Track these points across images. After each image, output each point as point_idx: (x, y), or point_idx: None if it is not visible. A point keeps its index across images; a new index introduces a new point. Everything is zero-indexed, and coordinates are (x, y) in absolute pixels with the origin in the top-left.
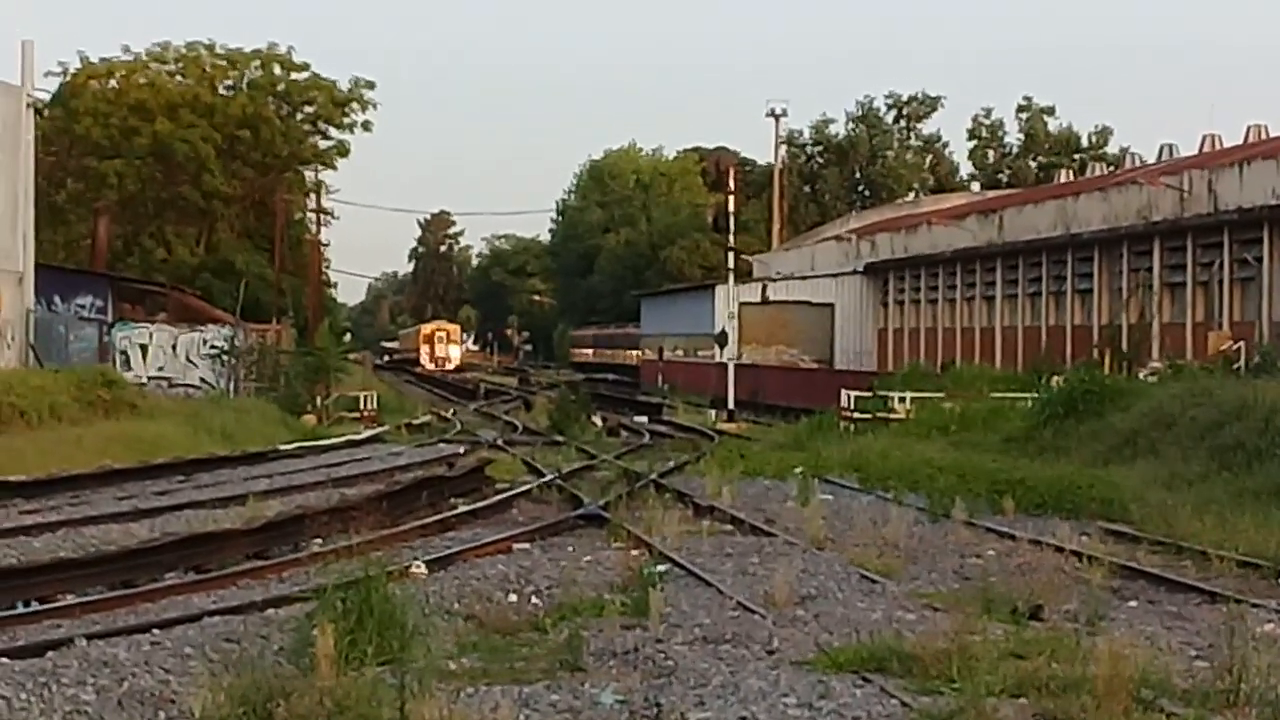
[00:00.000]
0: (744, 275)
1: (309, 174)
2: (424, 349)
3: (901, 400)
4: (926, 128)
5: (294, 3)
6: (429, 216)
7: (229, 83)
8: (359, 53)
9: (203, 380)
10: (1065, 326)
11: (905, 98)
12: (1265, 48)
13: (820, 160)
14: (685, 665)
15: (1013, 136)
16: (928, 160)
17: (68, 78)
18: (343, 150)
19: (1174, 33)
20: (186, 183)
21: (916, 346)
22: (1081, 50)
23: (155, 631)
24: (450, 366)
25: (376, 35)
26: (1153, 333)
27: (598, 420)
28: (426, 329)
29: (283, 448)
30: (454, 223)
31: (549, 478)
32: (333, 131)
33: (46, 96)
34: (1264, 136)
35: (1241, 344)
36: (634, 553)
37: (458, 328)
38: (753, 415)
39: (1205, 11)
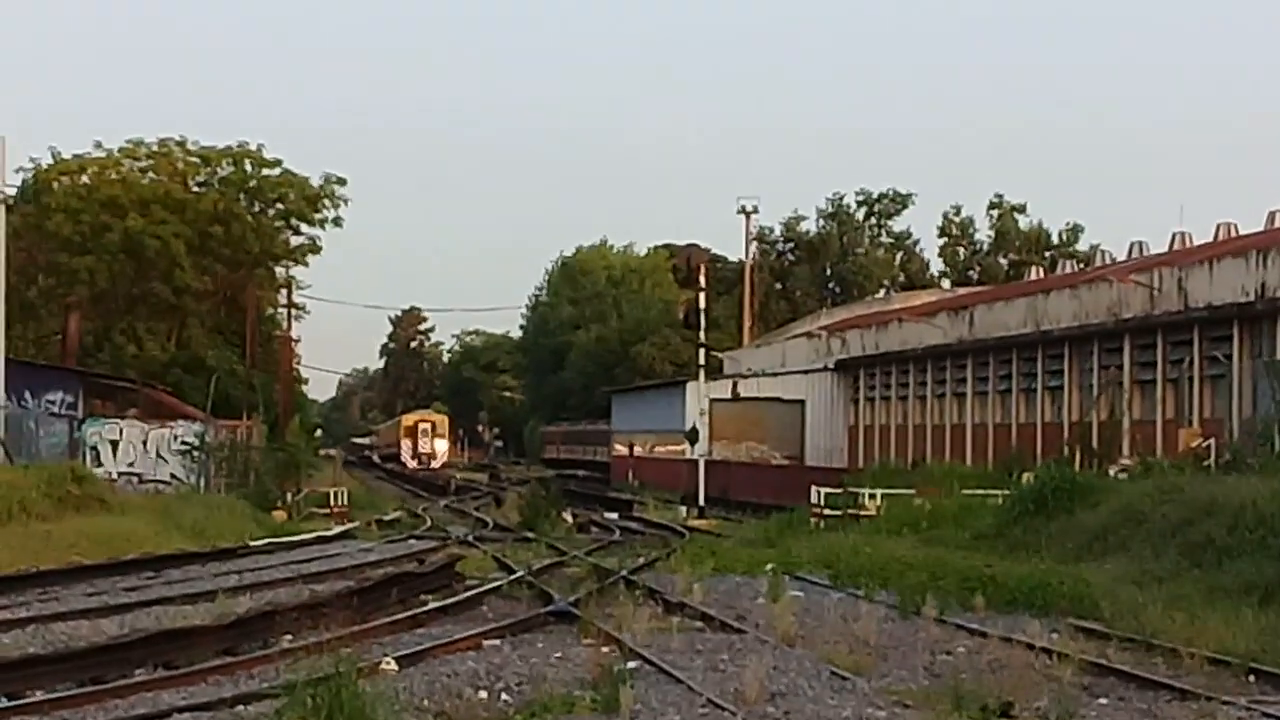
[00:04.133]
0: (715, 372)
1: (280, 270)
2: (405, 444)
3: (872, 497)
4: (897, 225)
5: (265, 99)
6: (400, 313)
7: (201, 179)
8: (330, 149)
9: (173, 476)
10: (1036, 423)
11: (876, 195)
12: (1234, 147)
13: (791, 257)
14: None
15: (983, 234)
16: (898, 257)
17: (39, 174)
18: (314, 247)
19: (1144, 131)
20: (157, 279)
21: (887, 443)
22: (1052, 148)
23: None
24: (436, 464)
25: (347, 131)
26: (1123, 430)
27: (568, 516)
28: (408, 420)
29: (253, 544)
30: (425, 319)
31: (519, 574)
32: (304, 227)
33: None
34: (1233, 234)
35: (1212, 441)
36: (604, 649)
37: (444, 419)
38: (723, 512)
39: (1174, 111)
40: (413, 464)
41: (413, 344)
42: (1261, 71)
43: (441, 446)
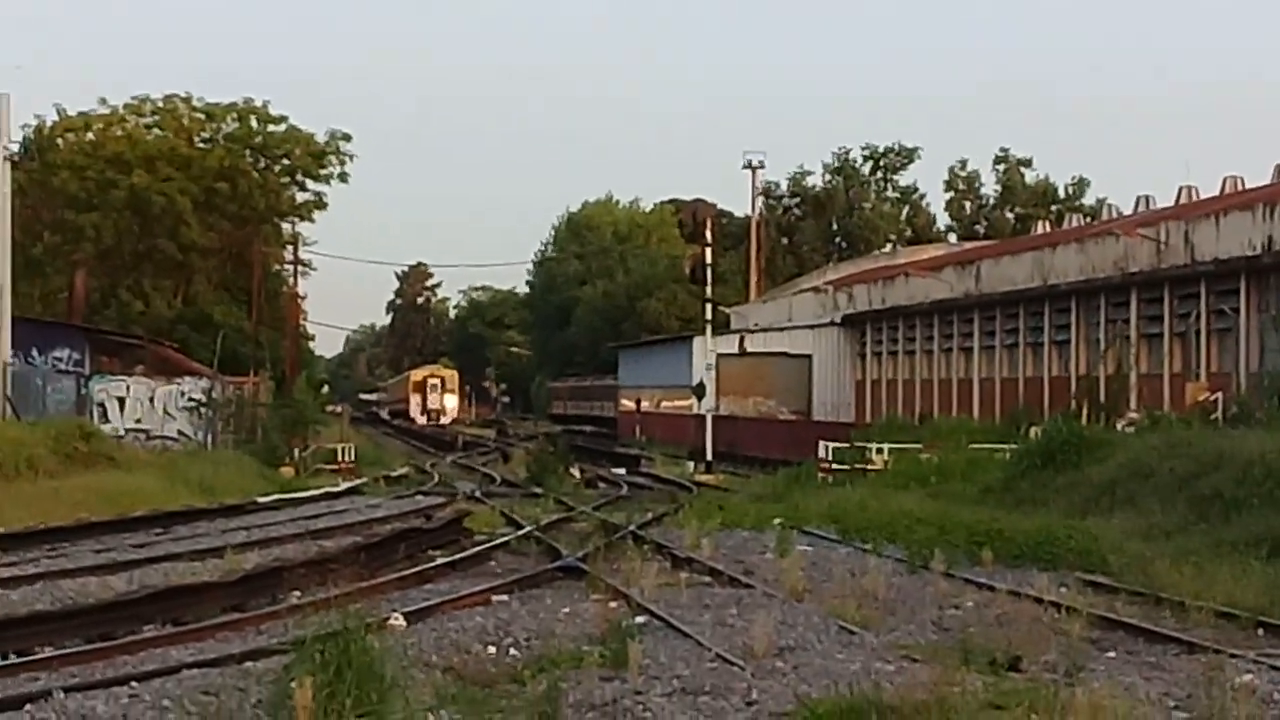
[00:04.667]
0: (721, 327)
1: (286, 226)
2: (414, 399)
3: (879, 451)
4: (903, 179)
5: (271, 56)
6: (406, 269)
7: (206, 135)
8: (336, 105)
9: (180, 432)
10: (1042, 378)
11: (882, 149)
12: (1241, 100)
13: (797, 212)
14: (664, 717)
15: (990, 188)
16: (904, 211)
17: (43, 130)
18: (320, 203)
19: (1151, 85)
20: (163, 235)
21: (894, 398)
22: (1059, 102)
23: (133, 684)
24: (446, 420)
25: (353, 87)
26: (1130, 384)
27: (575, 472)
28: (417, 375)
29: (260, 500)
30: (431, 275)
31: (527, 530)
32: (310, 184)
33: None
34: (1240, 188)
35: (1219, 395)
36: (612, 604)
37: (454, 374)
38: (731, 467)
39: (1182, 64)
40: (422, 420)
41: (420, 300)
42: (1269, 28)
43: (451, 402)
